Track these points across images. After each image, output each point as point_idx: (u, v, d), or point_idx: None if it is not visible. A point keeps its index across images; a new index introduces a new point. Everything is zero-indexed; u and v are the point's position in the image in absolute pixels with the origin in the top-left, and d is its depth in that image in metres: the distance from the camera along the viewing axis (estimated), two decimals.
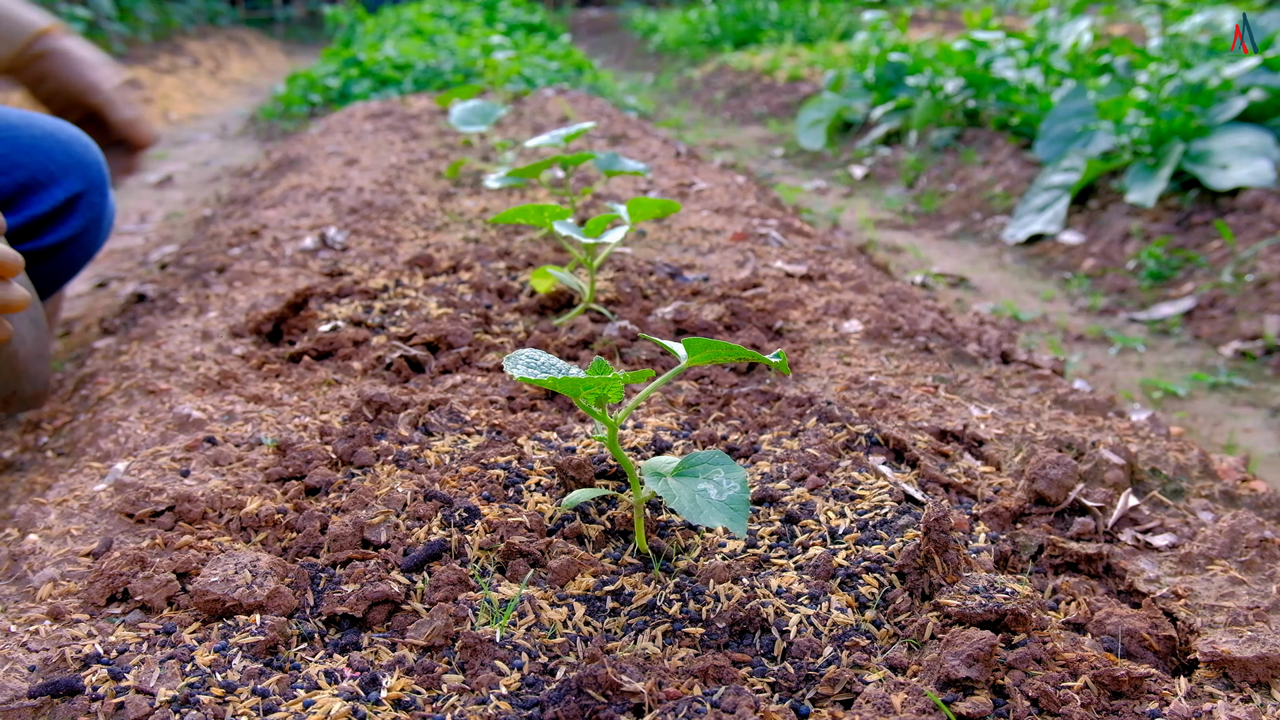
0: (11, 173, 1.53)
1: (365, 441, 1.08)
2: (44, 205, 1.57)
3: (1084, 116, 3.49)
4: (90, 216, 1.66)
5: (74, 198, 1.62)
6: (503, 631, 0.79)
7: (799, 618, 0.80)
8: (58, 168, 1.59)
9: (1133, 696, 0.73)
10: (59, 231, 1.61)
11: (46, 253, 1.61)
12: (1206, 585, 0.87)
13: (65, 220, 1.62)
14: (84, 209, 1.64)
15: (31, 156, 1.56)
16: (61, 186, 1.59)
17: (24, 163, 1.55)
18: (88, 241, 1.68)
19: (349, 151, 2.90)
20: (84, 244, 1.68)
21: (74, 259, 1.67)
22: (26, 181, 1.55)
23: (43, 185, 1.57)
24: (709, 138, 5.34)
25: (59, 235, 1.61)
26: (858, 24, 8.26)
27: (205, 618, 0.81)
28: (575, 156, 1.71)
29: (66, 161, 1.61)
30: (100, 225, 1.71)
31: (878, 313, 1.52)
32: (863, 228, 3.37)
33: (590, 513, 0.96)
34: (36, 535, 0.93)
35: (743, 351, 0.82)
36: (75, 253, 1.67)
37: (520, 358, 0.84)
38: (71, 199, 1.62)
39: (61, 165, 1.60)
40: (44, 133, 1.60)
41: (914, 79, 4.67)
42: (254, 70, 9.21)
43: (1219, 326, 2.35)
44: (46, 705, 0.71)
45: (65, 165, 1.60)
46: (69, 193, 1.61)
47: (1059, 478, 1.00)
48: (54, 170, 1.59)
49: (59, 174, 1.59)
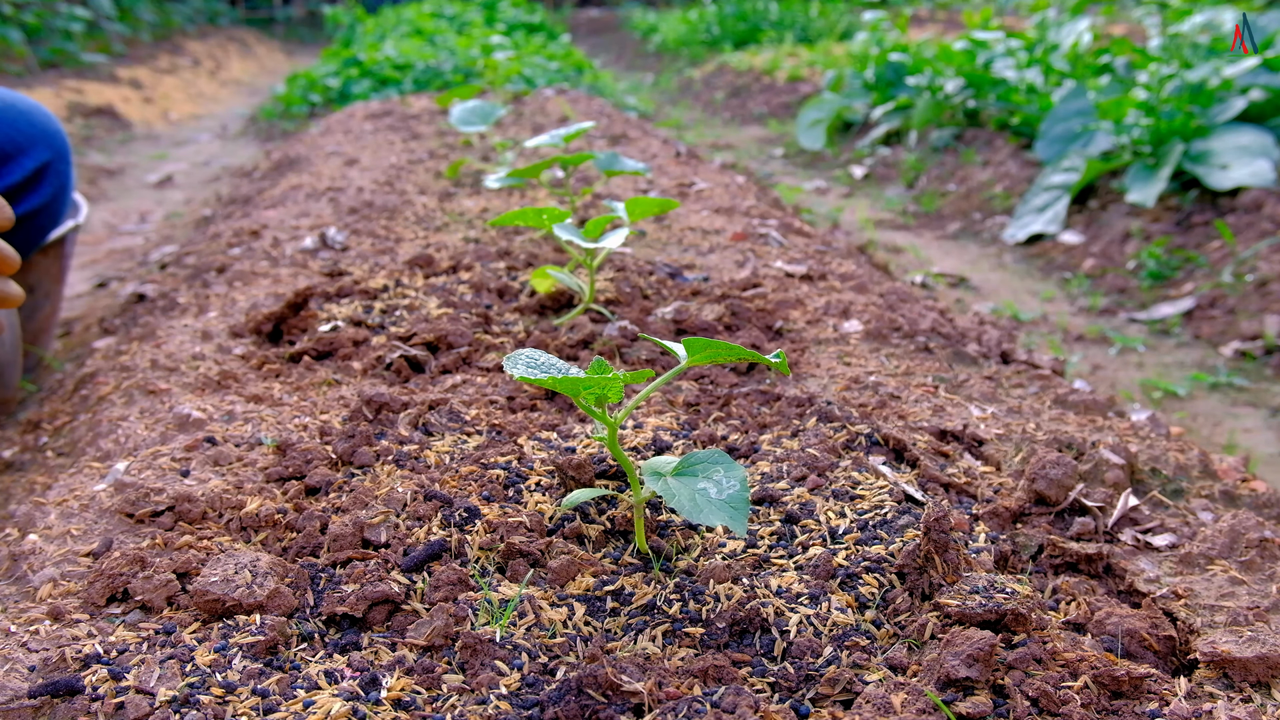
0: None
1: (365, 441, 1.08)
2: (15, 175, 1.60)
3: (1084, 116, 3.49)
4: (58, 184, 1.69)
5: (42, 167, 1.65)
6: (503, 631, 0.79)
7: (799, 618, 0.80)
8: (25, 139, 1.61)
9: (1133, 696, 0.73)
10: (31, 200, 1.64)
11: (19, 221, 1.63)
12: (1206, 585, 0.87)
13: (36, 189, 1.64)
14: (52, 177, 1.67)
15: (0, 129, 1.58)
16: (31, 156, 1.62)
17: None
18: (55, 209, 1.71)
19: (349, 151, 2.90)
20: (52, 211, 1.71)
21: (43, 226, 1.70)
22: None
23: (11, 157, 1.59)
24: (709, 138, 5.34)
25: (31, 204, 1.64)
26: (858, 24, 8.26)
27: (205, 618, 0.81)
28: (575, 156, 1.71)
29: (32, 132, 1.63)
30: (66, 193, 1.74)
31: (878, 313, 1.52)
32: (863, 228, 3.37)
33: (590, 513, 0.96)
34: (36, 535, 0.93)
35: (743, 351, 0.82)
36: (44, 220, 1.70)
37: (520, 358, 0.84)
38: (40, 168, 1.64)
39: (28, 135, 1.62)
40: (6, 104, 1.62)
41: (914, 79, 4.67)
42: (254, 70, 9.21)
43: (1219, 326, 2.35)
44: (46, 705, 0.71)
45: (31, 135, 1.63)
46: (38, 162, 1.63)
47: (1059, 478, 1.00)
48: (21, 141, 1.61)
49: (26, 144, 1.62)
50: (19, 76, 5.95)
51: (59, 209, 1.72)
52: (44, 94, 5.39)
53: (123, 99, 5.93)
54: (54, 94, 5.48)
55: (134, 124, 5.56)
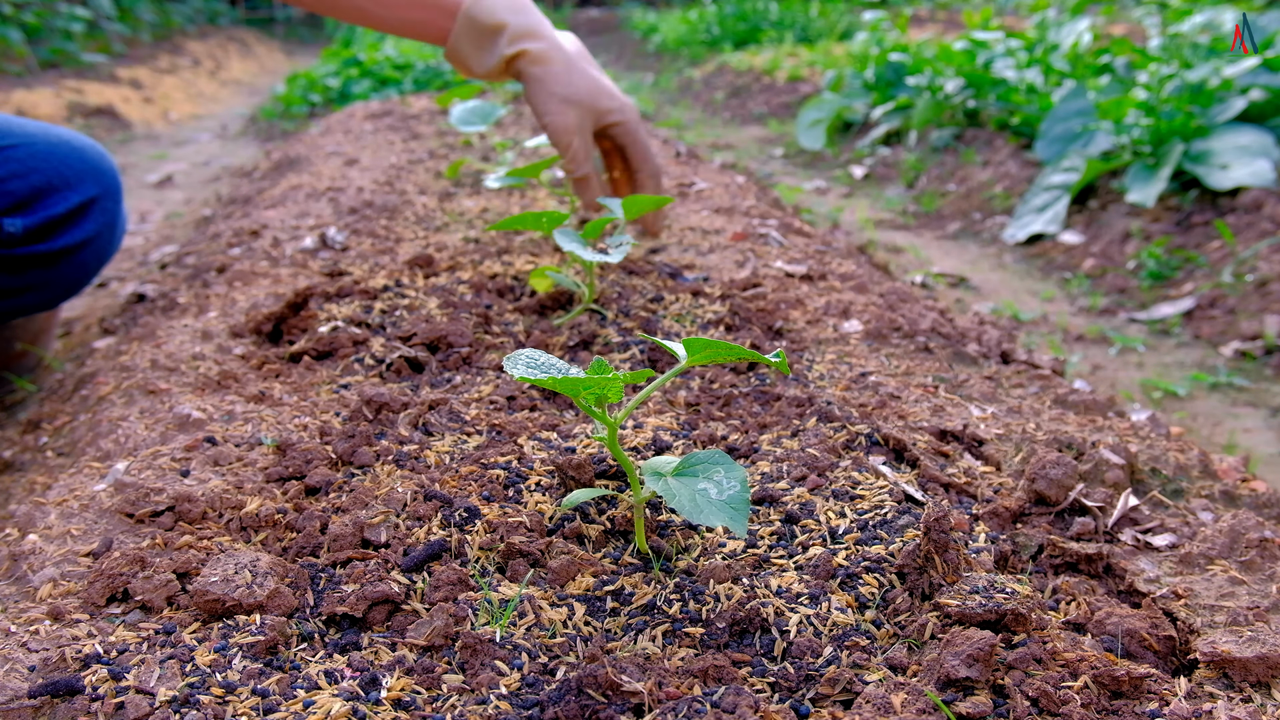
0: (28, 176, 1.59)
1: (365, 441, 1.08)
2: (59, 208, 1.63)
3: (1084, 116, 3.49)
4: (104, 221, 1.71)
5: (88, 202, 1.68)
6: (503, 631, 0.79)
7: (799, 618, 0.80)
8: (73, 174, 1.65)
9: (1133, 696, 0.73)
10: (73, 234, 1.66)
11: (61, 254, 1.66)
12: (1206, 585, 0.87)
13: (80, 223, 1.67)
14: (98, 214, 1.69)
15: (49, 163, 1.63)
16: (77, 191, 1.65)
17: (41, 168, 1.61)
18: (101, 246, 1.73)
19: (349, 151, 2.90)
20: (97, 248, 1.72)
21: (87, 263, 1.72)
22: (42, 185, 1.61)
23: (58, 189, 1.63)
24: (709, 138, 5.34)
25: (73, 238, 1.66)
26: (858, 24, 8.26)
27: (205, 618, 0.81)
28: None
29: (82, 168, 1.67)
30: (114, 231, 1.76)
31: (878, 313, 1.52)
32: (863, 228, 3.36)
33: (590, 513, 0.96)
34: (36, 535, 0.93)
35: (743, 351, 0.82)
36: (88, 256, 1.71)
37: (520, 358, 0.84)
38: (86, 203, 1.67)
39: (77, 171, 1.66)
40: (60, 140, 1.67)
41: (914, 79, 4.67)
42: (254, 70, 9.21)
43: (1219, 326, 2.35)
44: (46, 705, 0.71)
45: (81, 171, 1.66)
46: (84, 197, 1.67)
47: (1059, 478, 1.00)
48: (69, 176, 1.64)
49: (74, 179, 1.65)
50: (19, 76, 5.95)
51: (106, 246, 1.74)
52: (44, 94, 5.39)
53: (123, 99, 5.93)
54: (54, 94, 5.48)
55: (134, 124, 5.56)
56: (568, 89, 1.54)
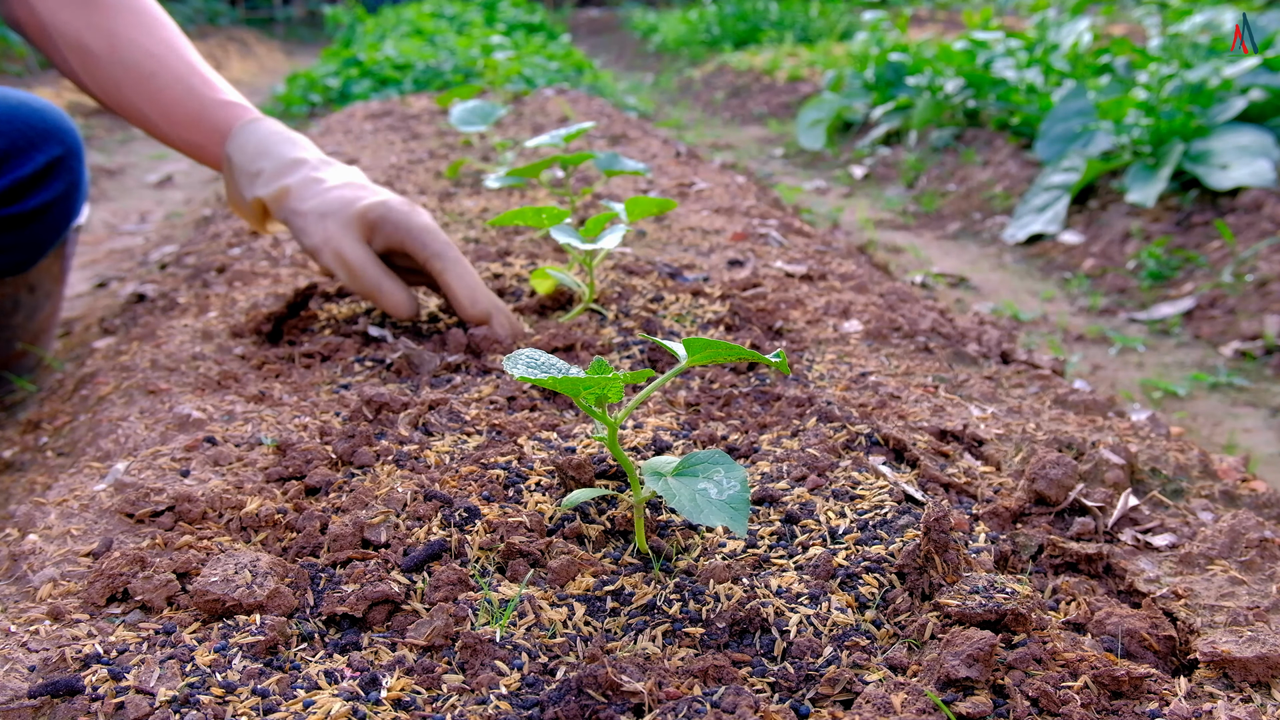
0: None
1: (365, 441, 1.08)
2: (27, 169, 1.63)
3: (1084, 116, 3.49)
4: (70, 180, 1.72)
5: (54, 161, 1.68)
6: (503, 631, 0.79)
7: (799, 618, 0.80)
8: (36, 134, 1.65)
9: (1133, 696, 0.73)
10: (42, 194, 1.67)
11: (31, 215, 1.67)
12: (1206, 585, 0.87)
13: (48, 184, 1.68)
14: (64, 173, 1.70)
15: (12, 124, 1.63)
16: (43, 152, 1.66)
17: (5, 130, 1.61)
18: (67, 205, 1.75)
19: (349, 151, 2.90)
20: (64, 207, 1.74)
21: (55, 222, 1.73)
22: (8, 148, 1.62)
23: (23, 151, 1.63)
24: (709, 138, 5.34)
25: (42, 198, 1.67)
26: (858, 24, 8.26)
27: (205, 618, 0.81)
28: (575, 156, 1.71)
29: (44, 128, 1.67)
30: (78, 190, 1.77)
31: (878, 313, 1.52)
32: (863, 228, 3.36)
33: (590, 513, 0.96)
34: (36, 535, 0.93)
35: (743, 351, 0.82)
36: (57, 216, 1.73)
37: (520, 358, 0.84)
38: (52, 162, 1.68)
39: (40, 131, 1.66)
40: (20, 102, 1.67)
41: (914, 79, 4.67)
42: (254, 70, 9.21)
43: (1219, 326, 2.35)
44: (46, 705, 0.71)
45: (44, 131, 1.67)
46: (49, 157, 1.67)
47: (1059, 478, 1.00)
48: (33, 136, 1.65)
49: (39, 140, 1.66)
50: (19, 76, 5.95)
51: (72, 205, 1.75)
52: (44, 94, 5.39)
53: None
54: (54, 94, 5.48)
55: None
56: (321, 203, 1.32)
